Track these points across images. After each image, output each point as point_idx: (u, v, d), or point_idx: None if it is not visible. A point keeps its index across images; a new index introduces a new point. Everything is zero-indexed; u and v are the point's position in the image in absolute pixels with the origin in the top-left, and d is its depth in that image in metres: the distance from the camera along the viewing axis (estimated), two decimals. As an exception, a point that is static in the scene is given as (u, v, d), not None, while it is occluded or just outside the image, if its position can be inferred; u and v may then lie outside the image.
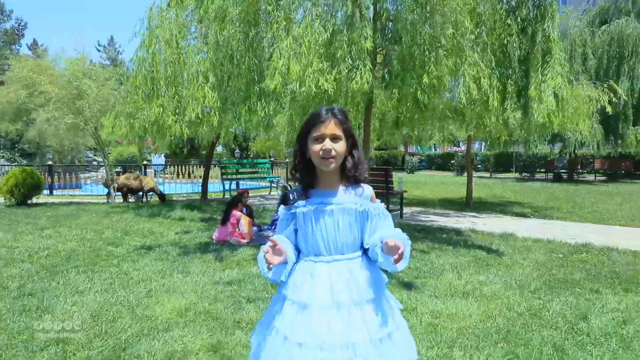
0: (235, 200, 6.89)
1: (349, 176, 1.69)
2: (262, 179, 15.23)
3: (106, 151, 12.97)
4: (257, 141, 24.69)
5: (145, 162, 16.23)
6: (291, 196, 1.69)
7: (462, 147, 26.25)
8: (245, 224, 6.43)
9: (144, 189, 11.30)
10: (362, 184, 1.72)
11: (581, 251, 5.85)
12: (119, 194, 11.43)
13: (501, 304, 3.86)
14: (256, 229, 6.80)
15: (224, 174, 13.38)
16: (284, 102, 6.02)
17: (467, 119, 8.35)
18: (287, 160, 18.96)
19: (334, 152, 1.62)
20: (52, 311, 3.62)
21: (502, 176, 23.88)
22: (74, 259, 5.32)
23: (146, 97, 7.40)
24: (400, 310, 1.77)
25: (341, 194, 1.69)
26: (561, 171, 21.42)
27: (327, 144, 1.61)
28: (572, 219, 8.80)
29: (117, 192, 11.46)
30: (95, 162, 21.83)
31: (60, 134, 12.26)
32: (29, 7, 72.88)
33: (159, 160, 21.58)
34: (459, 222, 8.46)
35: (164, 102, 7.47)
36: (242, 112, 6.47)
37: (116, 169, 14.80)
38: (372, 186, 1.78)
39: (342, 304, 1.60)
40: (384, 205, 1.81)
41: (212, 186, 13.16)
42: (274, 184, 14.70)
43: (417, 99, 6.23)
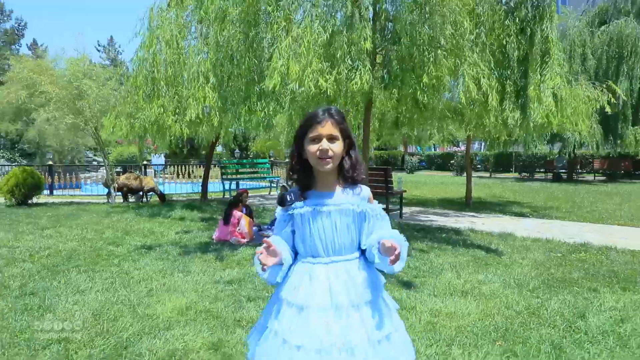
0: (235, 200, 6.94)
1: (346, 177, 1.68)
2: (262, 179, 15.26)
3: (106, 151, 12.99)
4: (257, 141, 24.68)
5: (145, 162, 16.23)
6: (288, 197, 1.68)
7: (462, 147, 26.27)
8: (245, 224, 6.47)
9: (144, 189, 11.32)
10: (360, 185, 1.71)
11: (580, 250, 5.87)
12: (119, 194, 11.45)
13: (500, 302, 3.88)
14: (256, 228, 6.83)
15: (223, 174, 13.39)
16: (283, 102, 6.03)
17: (467, 119, 8.36)
18: (286, 160, 18.93)
19: (331, 153, 1.61)
20: (53, 310, 3.64)
21: (502, 176, 23.89)
22: (75, 259, 5.35)
23: (147, 97, 7.44)
24: (397, 310, 1.77)
25: (339, 194, 1.68)
26: (560, 171, 21.45)
27: (324, 144, 1.60)
28: (570, 219, 8.82)
29: (117, 192, 11.48)
30: (95, 162, 21.83)
31: (60, 134, 12.29)
32: (29, 7, 73.02)
33: (159, 160, 21.57)
34: (458, 221, 8.49)
35: (164, 102, 7.51)
36: (242, 112, 6.50)
37: (116, 169, 14.80)
38: (372, 186, 1.80)
39: (341, 306, 1.59)
40: (383, 205, 1.81)
41: (212, 186, 13.18)
42: (273, 184, 14.73)
43: (416, 99, 6.24)
